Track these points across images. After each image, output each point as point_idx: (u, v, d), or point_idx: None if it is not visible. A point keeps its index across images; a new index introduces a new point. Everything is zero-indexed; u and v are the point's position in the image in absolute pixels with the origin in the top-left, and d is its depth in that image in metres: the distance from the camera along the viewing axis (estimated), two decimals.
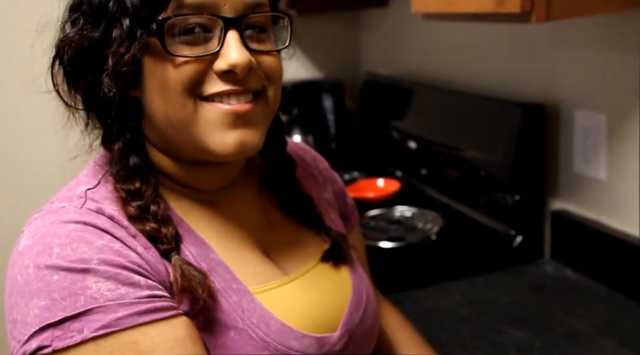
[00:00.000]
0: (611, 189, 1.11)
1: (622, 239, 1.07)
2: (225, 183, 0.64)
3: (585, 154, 1.15)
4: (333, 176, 0.81)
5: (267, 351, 0.56)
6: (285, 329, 0.58)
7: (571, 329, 0.99)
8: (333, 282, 0.67)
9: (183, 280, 0.53)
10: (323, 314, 0.62)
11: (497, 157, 1.26)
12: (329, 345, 0.61)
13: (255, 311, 0.57)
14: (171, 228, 0.56)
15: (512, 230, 1.24)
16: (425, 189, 1.55)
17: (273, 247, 0.65)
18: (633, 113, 1.03)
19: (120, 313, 0.49)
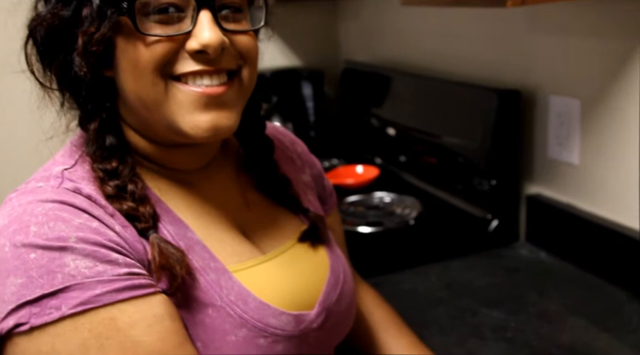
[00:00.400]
0: (584, 174, 1.13)
1: (594, 222, 1.10)
2: (201, 164, 0.64)
3: (559, 139, 1.17)
4: (312, 159, 0.82)
5: (245, 328, 0.57)
6: (263, 306, 0.59)
7: (544, 310, 1.01)
8: (310, 262, 0.68)
9: (161, 258, 0.53)
10: (301, 292, 0.63)
11: (473, 143, 1.27)
12: (306, 322, 0.62)
13: (233, 289, 0.58)
14: (149, 207, 0.56)
15: (488, 214, 1.26)
16: (404, 176, 1.56)
17: (251, 227, 0.66)
18: (606, 98, 1.06)
19: (98, 290, 0.49)
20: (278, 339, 0.59)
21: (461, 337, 0.95)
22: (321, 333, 0.65)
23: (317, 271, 0.67)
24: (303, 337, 0.62)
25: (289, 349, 0.60)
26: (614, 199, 1.08)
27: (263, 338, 0.58)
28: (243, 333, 0.57)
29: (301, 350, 0.62)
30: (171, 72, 0.55)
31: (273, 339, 0.58)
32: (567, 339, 0.93)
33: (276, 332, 0.59)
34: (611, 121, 1.05)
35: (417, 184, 1.50)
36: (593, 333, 0.94)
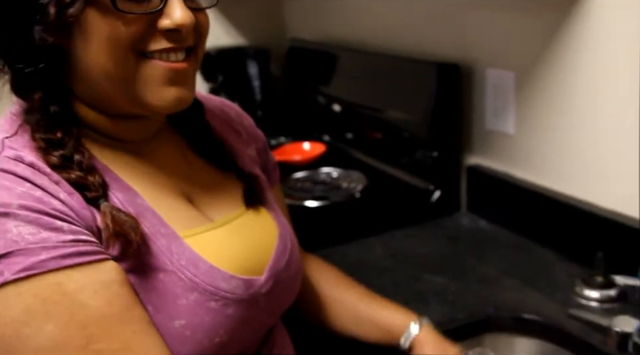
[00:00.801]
0: (519, 143, 1.18)
1: (529, 189, 1.15)
2: (149, 134, 0.65)
3: (495, 110, 1.21)
4: (257, 133, 0.83)
5: (196, 291, 0.58)
6: (214, 270, 0.60)
7: (483, 274, 1.06)
8: (258, 229, 0.69)
9: (115, 225, 0.54)
10: (250, 258, 0.65)
11: (415, 116, 1.31)
12: (256, 287, 0.64)
13: (184, 254, 0.59)
14: (97, 176, 0.56)
15: (431, 185, 1.29)
16: (350, 151, 1.59)
17: (197, 195, 0.66)
18: (538, 70, 1.10)
19: (42, 256, 0.49)
20: (228, 302, 0.60)
21: (405, 301, 0.97)
22: (270, 299, 0.66)
23: (265, 238, 0.69)
24: (252, 301, 0.63)
25: (239, 313, 0.61)
26: (547, 167, 1.13)
27: (214, 301, 0.59)
28: (194, 297, 0.57)
29: (250, 314, 0.63)
30: (142, 49, 0.55)
31: (223, 302, 0.59)
32: (502, 299, 0.98)
33: (226, 296, 0.60)
34: (543, 92, 1.10)
35: (363, 159, 1.52)
36: (525, 292, 0.99)
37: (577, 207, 1.05)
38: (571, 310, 0.92)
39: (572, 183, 1.09)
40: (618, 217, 0.99)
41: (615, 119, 0.98)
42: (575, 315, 0.90)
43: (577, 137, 1.06)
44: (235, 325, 0.61)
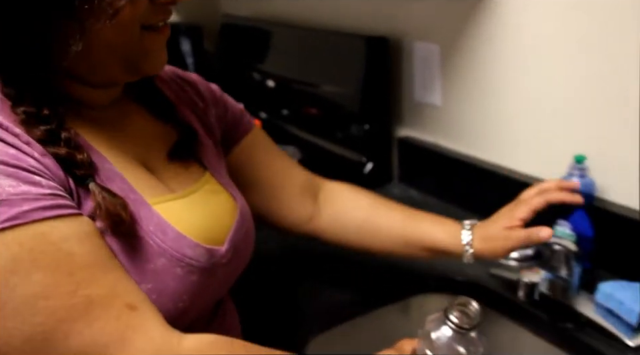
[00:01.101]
0: (447, 114, 1.22)
1: (457, 159, 1.19)
2: (113, 100, 0.66)
3: (423, 83, 1.25)
4: (214, 97, 0.82)
5: (164, 257, 0.59)
6: (180, 237, 0.61)
7: None
8: (218, 202, 0.70)
9: (108, 204, 0.55)
10: (212, 229, 0.66)
11: (347, 90, 1.33)
12: (217, 257, 0.65)
13: (152, 220, 0.60)
14: (85, 154, 0.57)
15: (363, 158, 1.32)
16: (286, 127, 1.59)
17: (156, 165, 0.67)
18: (461, 43, 1.14)
19: (25, 207, 0.50)
20: (193, 269, 0.61)
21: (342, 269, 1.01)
22: (227, 268, 0.68)
23: (225, 210, 0.70)
24: (213, 270, 0.65)
25: (201, 280, 0.63)
26: (472, 137, 1.18)
27: (180, 268, 0.60)
28: (161, 263, 0.59)
29: (209, 282, 0.65)
30: (144, 23, 0.58)
31: (188, 269, 0.61)
32: (430, 262, 1.01)
33: (191, 263, 0.61)
34: (467, 65, 1.14)
35: (298, 134, 1.53)
36: None
37: (500, 173, 1.10)
38: (492, 270, 0.97)
39: (495, 151, 1.14)
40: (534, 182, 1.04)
41: (534, 89, 1.03)
42: (496, 273, 0.95)
43: (499, 107, 1.10)
44: (196, 292, 0.63)
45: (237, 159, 0.84)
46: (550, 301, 0.88)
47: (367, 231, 0.88)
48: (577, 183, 0.86)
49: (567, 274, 0.84)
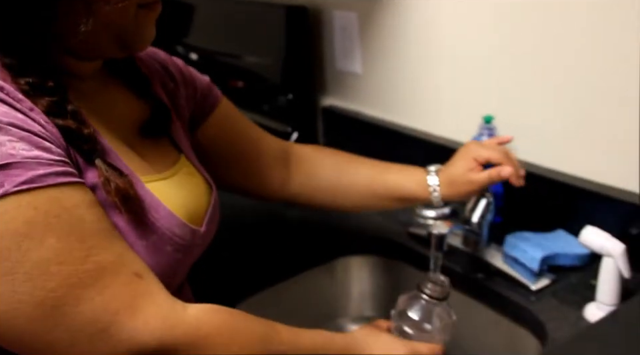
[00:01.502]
0: (367, 82, 1.25)
1: (379, 126, 1.22)
2: (97, 68, 0.65)
3: (344, 51, 1.26)
4: (181, 76, 0.81)
5: (156, 234, 0.60)
6: (171, 216, 0.62)
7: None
8: (194, 183, 0.70)
9: (118, 181, 0.55)
10: (193, 210, 0.67)
11: (269, 60, 1.33)
12: (197, 237, 0.66)
13: (146, 197, 0.60)
14: (92, 128, 0.56)
15: (288, 128, 1.33)
16: None
17: (136, 142, 0.66)
18: (379, 10, 1.16)
19: (40, 170, 0.49)
20: (179, 248, 0.62)
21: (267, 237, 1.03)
22: (200, 248, 0.69)
23: (201, 192, 0.70)
24: (192, 249, 0.66)
25: (182, 259, 0.64)
26: (393, 103, 1.21)
27: (170, 246, 0.61)
28: (153, 240, 0.59)
29: (187, 261, 0.67)
30: (141, 1, 0.58)
31: (176, 247, 0.62)
32: (353, 224, 1.05)
33: (179, 241, 0.62)
34: (386, 31, 1.17)
35: None
36: (374, 217, 1.07)
37: (419, 137, 1.14)
38: (411, 229, 1.01)
39: (414, 116, 1.17)
40: (452, 144, 1.08)
41: (449, 56, 1.07)
42: (414, 232, 1.00)
43: (416, 74, 1.14)
44: (177, 270, 0.65)
45: (208, 133, 0.83)
46: (463, 254, 0.93)
47: (337, 191, 0.89)
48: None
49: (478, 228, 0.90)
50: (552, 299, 0.82)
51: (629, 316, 0.70)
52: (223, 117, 0.85)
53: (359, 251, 1.03)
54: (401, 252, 1.00)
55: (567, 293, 0.82)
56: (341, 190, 0.89)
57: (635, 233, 0.84)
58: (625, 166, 0.86)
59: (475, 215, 0.90)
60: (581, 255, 0.86)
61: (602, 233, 0.75)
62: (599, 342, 0.67)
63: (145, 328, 0.51)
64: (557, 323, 0.77)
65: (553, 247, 0.86)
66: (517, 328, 0.84)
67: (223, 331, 0.56)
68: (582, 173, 0.92)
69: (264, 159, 0.89)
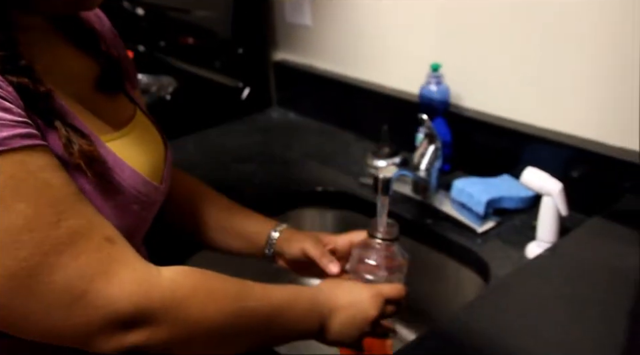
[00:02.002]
0: (318, 35, 1.23)
1: (330, 78, 1.22)
2: (43, 23, 0.61)
3: (293, 3, 1.24)
4: (116, 39, 0.76)
5: (122, 194, 0.58)
6: (136, 174, 0.60)
7: (287, 158, 1.13)
8: (152, 139, 0.68)
9: (81, 143, 0.53)
10: (152, 166, 0.65)
11: (218, 14, 1.30)
12: (159, 194, 0.65)
13: (108, 157, 0.57)
14: (48, 86, 0.53)
15: (240, 83, 1.32)
16: (163, 58, 1.54)
17: (90, 99, 0.62)
18: None
19: (4, 133, 0.47)
20: (145, 206, 0.61)
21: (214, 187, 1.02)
22: (159, 205, 0.67)
23: (157, 147, 0.68)
24: (153, 206, 0.64)
25: (146, 216, 0.63)
26: (344, 56, 1.20)
27: (136, 204, 0.60)
28: (119, 200, 0.58)
29: (149, 218, 0.65)
30: None
31: (141, 205, 0.60)
32: (304, 178, 1.05)
33: (144, 199, 0.61)
34: None
35: (175, 64, 1.49)
36: (325, 170, 1.07)
37: (369, 89, 1.14)
38: (362, 179, 1.02)
39: (364, 68, 1.17)
40: (403, 95, 1.09)
41: (396, 6, 1.06)
42: (365, 182, 1.00)
43: (365, 25, 1.13)
44: (142, 229, 0.64)
45: None
46: (412, 201, 0.95)
47: (187, 217, 0.84)
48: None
49: (427, 174, 0.91)
50: (496, 241, 0.84)
51: (564, 251, 0.73)
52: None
53: (310, 204, 1.04)
54: (352, 202, 1.01)
55: (511, 235, 0.85)
56: (191, 217, 0.84)
57: (576, 175, 0.86)
58: (569, 111, 0.88)
59: (424, 161, 0.91)
60: (524, 197, 0.89)
61: (541, 174, 0.77)
62: (537, 275, 0.69)
63: (121, 294, 0.50)
64: (500, 263, 0.79)
65: (498, 191, 0.89)
66: (464, 269, 0.86)
67: (198, 293, 0.54)
68: (527, 119, 0.94)
69: None
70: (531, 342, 0.58)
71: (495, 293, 0.69)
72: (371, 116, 1.15)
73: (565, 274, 0.69)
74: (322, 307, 0.64)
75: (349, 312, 0.65)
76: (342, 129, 1.21)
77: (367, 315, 0.66)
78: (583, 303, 0.63)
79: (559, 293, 0.65)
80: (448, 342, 0.60)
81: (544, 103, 0.91)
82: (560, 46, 0.86)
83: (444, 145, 0.98)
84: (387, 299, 0.68)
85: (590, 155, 0.84)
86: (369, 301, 0.66)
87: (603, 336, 0.59)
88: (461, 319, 0.63)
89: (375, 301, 0.67)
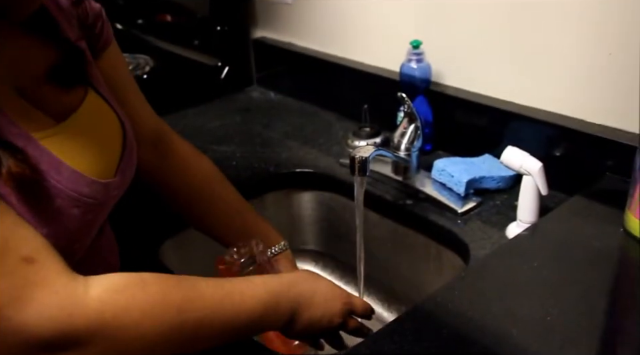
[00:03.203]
0: (298, 12, 1.20)
1: (311, 56, 1.19)
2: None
3: None
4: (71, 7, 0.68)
5: (59, 198, 0.53)
6: (77, 175, 0.54)
7: (268, 138, 1.10)
8: (101, 123, 0.62)
9: (13, 166, 0.48)
10: (102, 159, 0.59)
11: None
12: (111, 189, 0.59)
13: (42, 158, 0.52)
14: None
15: (219, 61, 1.29)
16: (141, 36, 1.51)
17: (36, 90, 0.56)
18: None
19: None
20: (90, 208, 0.56)
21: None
22: (115, 198, 0.62)
23: (112, 133, 0.63)
24: (106, 204, 0.60)
25: (96, 217, 0.58)
26: (324, 33, 1.18)
27: (77, 208, 0.54)
28: (57, 204, 0.53)
29: (102, 215, 0.61)
30: None
31: (85, 208, 0.55)
32: (283, 158, 1.03)
33: (88, 201, 0.56)
34: None
35: (153, 43, 1.46)
36: (305, 150, 1.05)
37: (349, 67, 1.12)
38: (342, 160, 1.00)
39: (345, 46, 1.14)
40: (383, 73, 1.07)
41: None
42: (345, 163, 0.99)
43: (346, 3, 1.10)
44: (91, 229, 0.58)
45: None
46: (393, 182, 0.93)
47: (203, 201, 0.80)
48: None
49: (407, 154, 0.90)
50: (477, 221, 0.83)
51: (544, 230, 0.72)
52: (109, 65, 0.69)
53: (290, 185, 1.02)
54: (332, 184, 0.99)
55: (492, 215, 0.84)
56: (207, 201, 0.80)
57: (557, 153, 0.85)
58: (551, 89, 0.87)
59: (404, 141, 0.90)
60: (505, 177, 0.87)
61: (521, 153, 0.75)
62: (516, 256, 0.68)
63: (39, 319, 0.46)
64: (480, 243, 0.78)
65: (479, 171, 0.87)
66: (444, 250, 0.86)
67: (131, 310, 0.49)
68: (509, 98, 0.92)
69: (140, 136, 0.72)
70: (509, 323, 0.58)
71: (474, 274, 0.68)
72: (353, 95, 1.13)
73: (545, 254, 0.68)
74: (296, 300, 0.60)
75: (318, 312, 0.62)
76: (323, 109, 1.19)
77: (332, 321, 0.63)
78: (563, 284, 0.63)
79: (538, 274, 0.64)
80: (426, 324, 0.59)
81: (526, 81, 0.90)
82: (542, 23, 0.84)
83: (425, 125, 0.96)
84: (353, 312, 0.65)
85: (571, 133, 0.83)
86: (340, 308, 0.63)
87: (582, 317, 0.58)
88: (439, 301, 0.62)
89: (343, 310, 0.64)
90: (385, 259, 0.95)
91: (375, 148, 0.73)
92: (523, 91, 0.90)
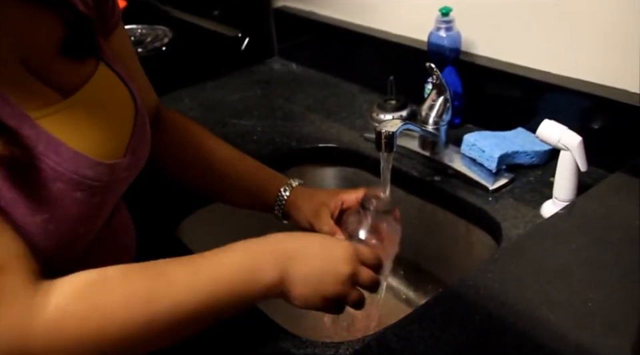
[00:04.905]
0: None
1: (334, 26, 1.15)
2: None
3: None
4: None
5: (60, 181, 0.50)
6: (78, 157, 0.52)
7: (289, 112, 1.07)
8: (112, 98, 0.59)
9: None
10: (111, 138, 0.56)
11: None
12: (119, 170, 0.57)
13: (40, 139, 0.49)
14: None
15: (239, 32, 1.25)
16: (159, 6, 1.47)
17: (35, 57, 0.53)
18: None
19: None
20: (95, 191, 0.53)
21: None
22: (129, 178, 0.59)
23: (123, 109, 0.59)
24: (114, 186, 0.57)
25: (103, 200, 0.55)
26: (348, 1, 1.13)
27: (80, 192, 0.52)
28: (57, 188, 0.50)
29: (110, 199, 0.58)
30: None
31: (89, 192, 0.53)
32: (306, 132, 1.00)
33: (93, 184, 0.53)
34: None
35: (170, 12, 1.42)
36: (328, 124, 1.02)
37: (374, 36, 1.07)
38: (366, 134, 0.96)
39: (369, 14, 1.09)
40: (410, 42, 1.02)
41: None
42: (369, 137, 0.95)
43: None
44: (97, 213, 0.55)
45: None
46: (420, 157, 0.90)
47: (198, 162, 0.77)
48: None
49: (435, 129, 0.85)
50: (509, 199, 0.79)
51: (583, 209, 0.68)
52: (118, 43, 0.67)
53: (312, 161, 0.99)
54: (356, 159, 0.96)
55: (525, 192, 0.80)
56: (202, 162, 0.76)
57: (596, 127, 0.80)
58: (588, 57, 0.81)
59: (432, 114, 0.85)
60: (540, 152, 0.83)
61: (559, 126, 0.71)
62: (552, 236, 0.65)
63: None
64: (514, 222, 0.74)
65: (511, 146, 0.83)
66: (474, 229, 0.82)
67: (92, 316, 0.48)
68: (543, 67, 0.87)
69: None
70: (546, 309, 0.54)
71: (508, 256, 0.64)
72: (377, 66, 1.08)
73: (584, 235, 0.64)
74: (284, 255, 0.55)
75: (316, 263, 0.55)
76: (346, 81, 1.15)
77: (338, 272, 0.56)
78: (604, 267, 0.59)
79: (576, 256, 0.60)
80: (456, 309, 0.56)
81: (561, 49, 0.84)
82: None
83: (454, 97, 0.91)
84: (363, 262, 0.58)
85: (612, 104, 0.78)
86: (342, 254, 0.56)
87: (625, 303, 0.55)
88: (470, 285, 0.59)
89: (348, 258, 0.56)
90: (411, 238, 0.92)
91: (402, 122, 0.69)
92: (559, 60, 0.85)
